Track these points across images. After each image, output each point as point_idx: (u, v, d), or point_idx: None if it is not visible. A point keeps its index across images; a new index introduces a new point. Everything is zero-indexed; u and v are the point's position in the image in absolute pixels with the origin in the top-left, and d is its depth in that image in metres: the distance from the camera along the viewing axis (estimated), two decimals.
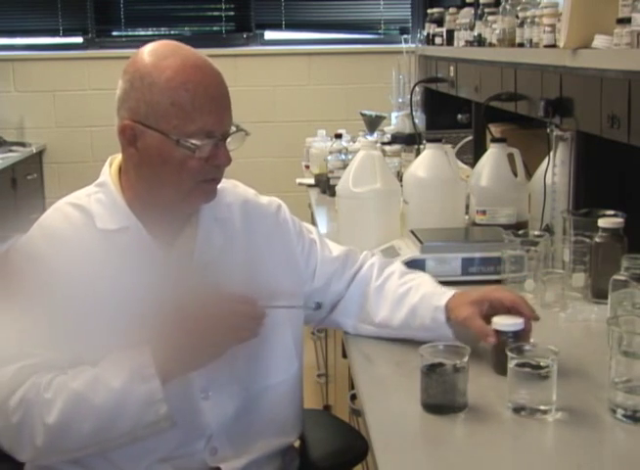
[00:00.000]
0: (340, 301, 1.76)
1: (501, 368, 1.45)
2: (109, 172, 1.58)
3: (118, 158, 1.60)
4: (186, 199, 1.52)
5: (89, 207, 1.54)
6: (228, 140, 1.51)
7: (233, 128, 1.53)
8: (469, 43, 3.14)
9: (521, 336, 1.51)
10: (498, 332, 1.50)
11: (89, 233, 1.51)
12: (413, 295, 1.69)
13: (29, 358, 1.43)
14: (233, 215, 1.64)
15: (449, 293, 1.65)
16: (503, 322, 1.51)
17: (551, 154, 2.14)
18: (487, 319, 1.54)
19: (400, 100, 3.94)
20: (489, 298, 1.58)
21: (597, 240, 1.84)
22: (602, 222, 1.83)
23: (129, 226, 1.52)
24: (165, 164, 1.49)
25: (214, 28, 5.23)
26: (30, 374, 1.41)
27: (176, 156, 1.48)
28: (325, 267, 1.74)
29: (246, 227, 1.64)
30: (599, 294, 1.83)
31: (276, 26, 5.27)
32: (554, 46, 2.09)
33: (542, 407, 1.35)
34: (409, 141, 3.29)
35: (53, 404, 1.39)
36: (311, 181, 3.47)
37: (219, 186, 1.60)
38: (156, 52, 1.49)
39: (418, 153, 2.91)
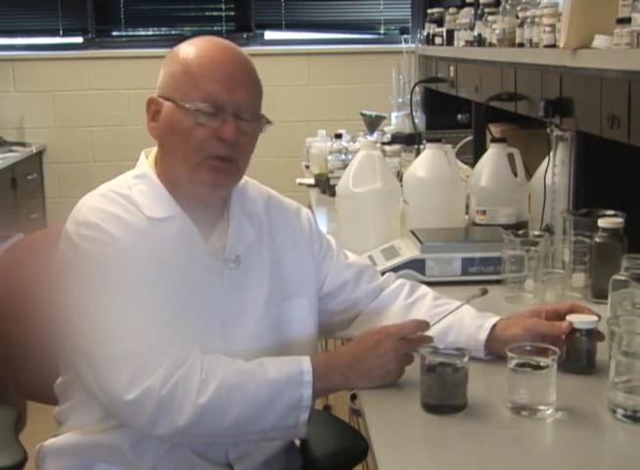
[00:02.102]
0: (359, 315, 1.70)
1: (576, 367, 1.47)
2: (148, 164, 1.58)
3: (153, 151, 1.61)
4: (193, 175, 1.51)
5: (133, 196, 1.53)
6: (245, 119, 1.51)
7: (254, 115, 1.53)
8: (469, 43, 3.14)
9: (596, 334, 1.50)
10: (573, 330, 1.48)
11: (140, 220, 1.51)
12: (452, 315, 1.60)
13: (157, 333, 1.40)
14: (259, 210, 1.65)
15: (496, 317, 1.60)
16: (578, 320, 1.50)
17: (551, 154, 2.14)
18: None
19: (400, 100, 3.94)
20: (544, 309, 1.58)
21: (597, 240, 1.84)
22: (602, 222, 1.83)
23: (176, 215, 1.53)
24: (175, 133, 1.51)
25: (214, 28, 5.22)
26: (170, 350, 1.39)
27: (184, 124, 1.50)
28: (338, 273, 1.72)
29: (270, 223, 1.66)
30: (599, 294, 1.83)
31: (276, 26, 5.27)
32: (554, 46, 2.09)
33: (542, 407, 1.35)
34: (409, 141, 3.29)
35: (206, 386, 1.37)
36: (311, 181, 3.46)
37: (243, 180, 1.62)
38: (194, 39, 1.56)
39: (418, 153, 2.91)
